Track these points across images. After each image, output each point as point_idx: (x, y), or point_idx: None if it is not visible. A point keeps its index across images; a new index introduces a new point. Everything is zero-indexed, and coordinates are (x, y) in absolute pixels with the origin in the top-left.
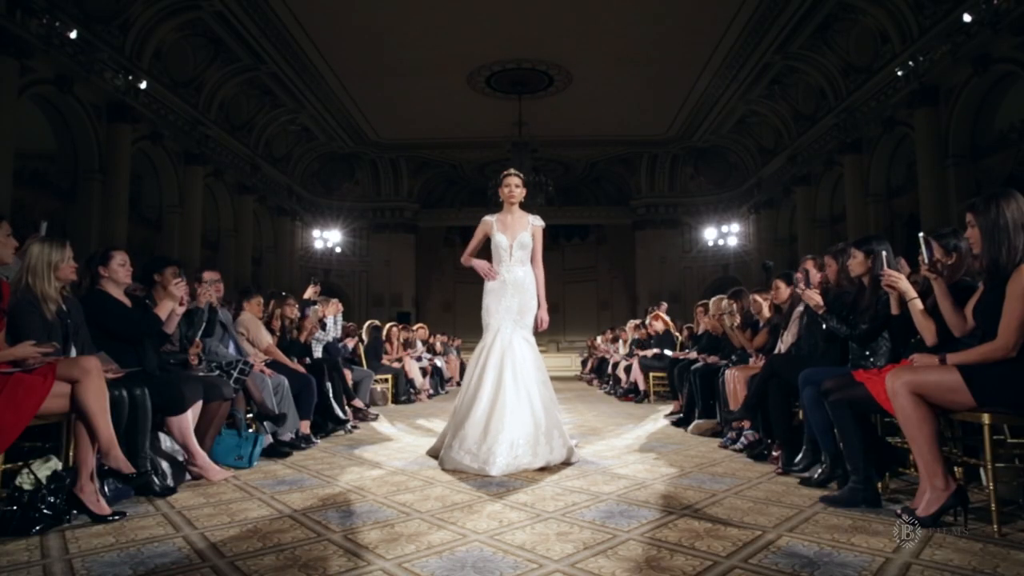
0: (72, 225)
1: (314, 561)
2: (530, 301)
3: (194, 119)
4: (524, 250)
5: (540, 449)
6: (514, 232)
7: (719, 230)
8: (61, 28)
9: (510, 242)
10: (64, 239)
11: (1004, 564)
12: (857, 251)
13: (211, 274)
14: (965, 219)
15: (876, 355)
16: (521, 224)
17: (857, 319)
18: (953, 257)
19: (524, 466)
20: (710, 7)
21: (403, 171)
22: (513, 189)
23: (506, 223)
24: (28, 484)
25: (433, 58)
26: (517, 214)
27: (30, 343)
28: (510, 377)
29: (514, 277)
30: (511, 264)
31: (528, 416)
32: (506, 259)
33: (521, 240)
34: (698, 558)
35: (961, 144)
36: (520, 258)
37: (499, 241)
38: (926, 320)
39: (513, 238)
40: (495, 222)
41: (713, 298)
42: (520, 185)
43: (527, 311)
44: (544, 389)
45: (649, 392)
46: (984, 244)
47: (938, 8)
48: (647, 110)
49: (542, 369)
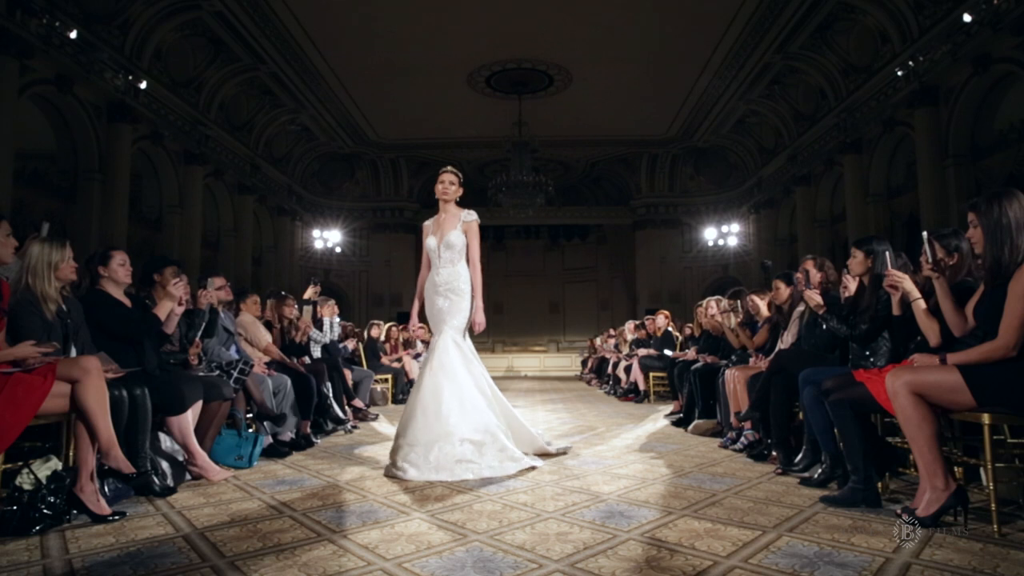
0: (72, 225)
1: (314, 561)
2: (462, 301)
3: (194, 119)
4: (452, 250)
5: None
6: (443, 232)
7: (719, 230)
8: (61, 28)
9: (438, 243)
10: (64, 239)
11: (1004, 564)
12: (857, 251)
13: (219, 280)
14: (967, 219)
15: (876, 355)
16: (451, 223)
17: (857, 319)
18: (955, 258)
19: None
20: (710, 7)
21: (403, 171)
22: (447, 186)
23: (438, 223)
24: (28, 484)
25: (433, 58)
26: (451, 212)
27: (30, 343)
28: (433, 381)
29: (442, 279)
30: (440, 266)
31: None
32: (436, 261)
33: (448, 240)
34: (698, 558)
35: (961, 144)
36: (449, 258)
37: (429, 244)
38: (930, 320)
39: (441, 239)
40: (430, 225)
41: (709, 298)
42: (455, 183)
43: (456, 312)
44: (476, 394)
45: (649, 392)
46: (986, 243)
47: (938, 8)
48: (647, 110)
49: (477, 373)
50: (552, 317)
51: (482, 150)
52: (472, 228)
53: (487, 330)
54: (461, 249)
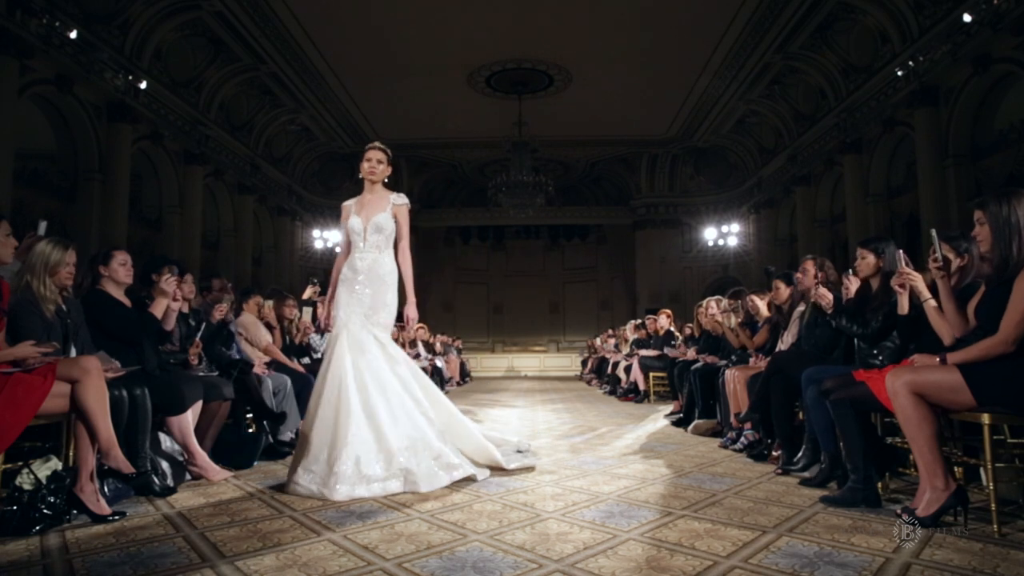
0: (72, 225)
1: (314, 561)
2: (386, 294)
3: (194, 119)
4: (380, 234)
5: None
6: (370, 213)
7: (719, 230)
8: (61, 28)
9: (364, 224)
10: (70, 242)
11: (1004, 564)
12: (867, 251)
13: (223, 282)
14: (973, 217)
15: (884, 354)
16: (379, 204)
17: (869, 317)
18: (964, 259)
19: (379, 492)
20: (710, 7)
21: (403, 171)
22: (374, 165)
23: (364, 203)
24: (28, 484)
25: (433, 58)
26: (378, 193)
27: (30, 343)
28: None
29: (366, 264)
30: (364, 250)
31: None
32: (359, 244)
33: (377, 222)
34: (698, 558)
35: (961, 144)
36: (375, 243)
37: (353, 225)
38: (942, 319)
39: (368, 220)
40: (353, 204)
41: (709, 298)
42: (383, 161)
43: (381, 307)
44: (405, 399)
45: (649, 392)
46: (994, 241)
47: (938, 8)
48: (647, 110)
49: (405, 375)
50: (552, 317)
51: (482, 150)
52: (403, 213)
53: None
54: (391, 234)
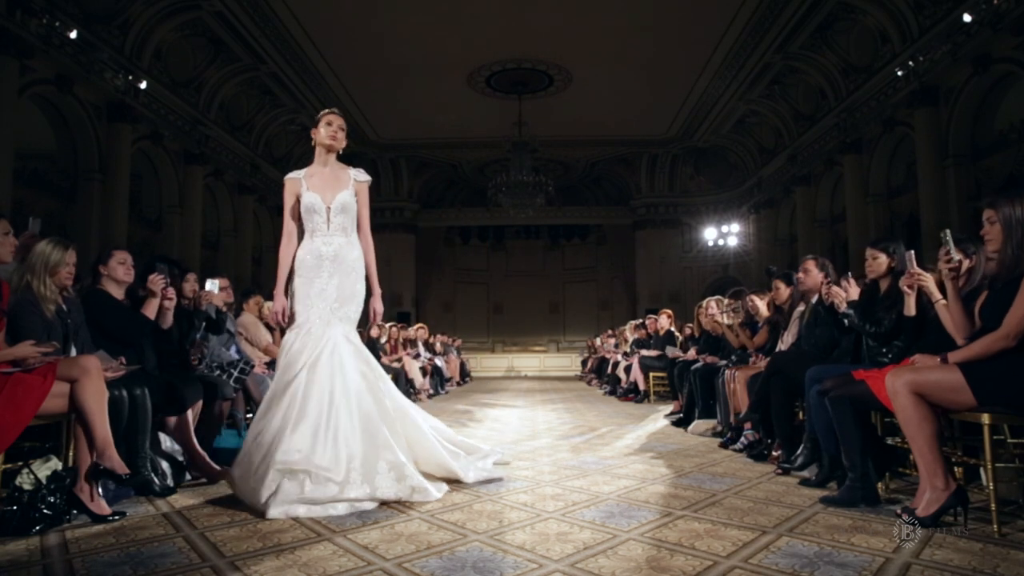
0: (72, 225)
1: (314, 561)
2: (355, 284)
3: (194, 119)
4: (347, 215)
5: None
6: (332, 191)
7: (719, 230)
8: (61, 28)
9: (327, 204)
10: (70, 242)
11: (1004, 564)
12: (878, 252)
13: (222, 280)
14: (983, 216)
15: (893, 352)
16: (341, 180)
17: (882, 316)
18: (972, 260)
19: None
20: (710, 7)
21: (403, 171)
22: (336, 131)
23: (323, 177)
24: (28, 484)
25: (433, 58)
26: (335, 167)
27: (30, 343)
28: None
29: (332, 250)
30: (329, 234)
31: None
32: (322, 227)
33: (343, 201)
34: (698, 558)
35: (961, 144)
36: (341, 225)
37: (311, 203)
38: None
39: (332, 199)
40: (303, 179)
41: (709, 298)
42: (344, 129)
43: (349, 298)
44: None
45: (649, 392)
46: (1004, 239)
47: (938, 8)
48: (647, 110)
49: (369, 376)
50: (552, 317)
51: (482, 150)
52: (364, 191)
53: (487, 330)
54: (355, 216)
